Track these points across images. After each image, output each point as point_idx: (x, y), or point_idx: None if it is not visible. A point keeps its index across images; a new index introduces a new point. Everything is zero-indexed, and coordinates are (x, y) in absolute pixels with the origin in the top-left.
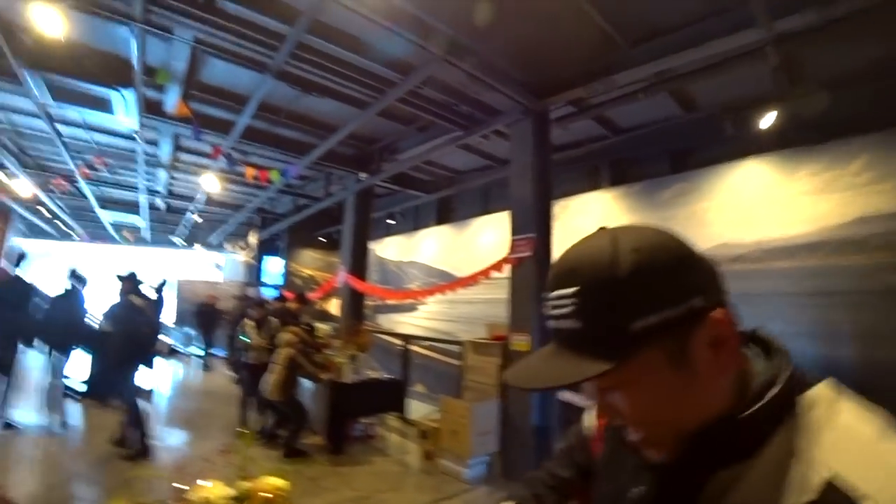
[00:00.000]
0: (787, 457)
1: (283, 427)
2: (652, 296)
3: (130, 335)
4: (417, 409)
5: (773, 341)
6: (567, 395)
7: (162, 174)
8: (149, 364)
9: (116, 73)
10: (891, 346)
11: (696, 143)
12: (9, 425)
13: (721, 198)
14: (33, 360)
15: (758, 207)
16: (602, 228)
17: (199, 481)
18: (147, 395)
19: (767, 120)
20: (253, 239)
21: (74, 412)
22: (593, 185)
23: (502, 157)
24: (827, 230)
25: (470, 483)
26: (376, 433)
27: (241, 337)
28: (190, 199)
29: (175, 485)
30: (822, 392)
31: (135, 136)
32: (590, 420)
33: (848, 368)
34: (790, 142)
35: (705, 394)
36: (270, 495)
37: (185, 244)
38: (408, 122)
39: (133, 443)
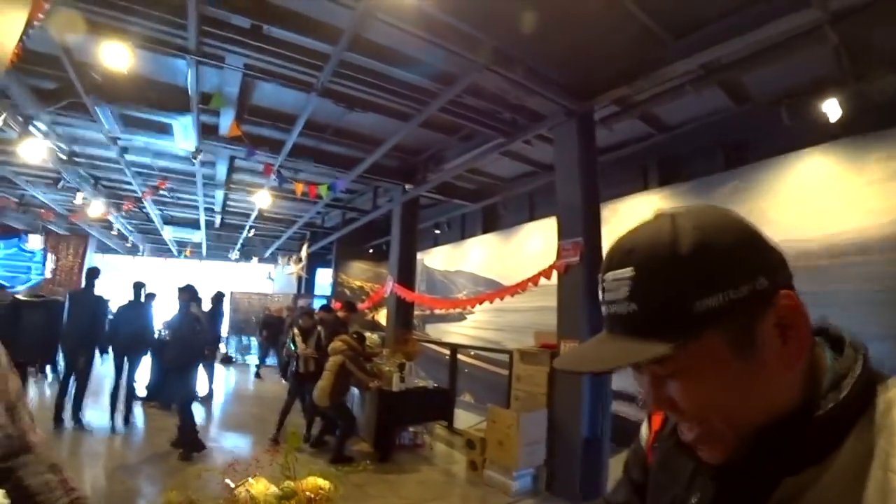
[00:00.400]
0: (865, 461)
1: (331, 433)
2: (715, 275)
3: (187, 342)
4: (465, 418)
5: (845, 334)
6: (620, 407)
7: (218, 193)
8: (207, 370)
9: (175, 101)
10: None
11: (750, 136)
12: (80, 424)
13: (782, 192)
14: (104, 366)
15: (823, 200)
16: (659, 211)
17: (247, 479)
18: (206, 398)
19: (829, 106)
20: (304, 252)
21: (138, 414)
22: (642, 186)
23: (547, 163)
24: None
25: (516, 495)
26: (423, 442)
27: (291, 346)
28: (244, 215)
29: (225, 481)
30: None
31: (193, 158)
32: (644, 431)
33: None
34: (856, 128)
35: (771, 386)
36: (313, 494)
37: (239, 258)
38: (451, 132)
39: (185, 442)
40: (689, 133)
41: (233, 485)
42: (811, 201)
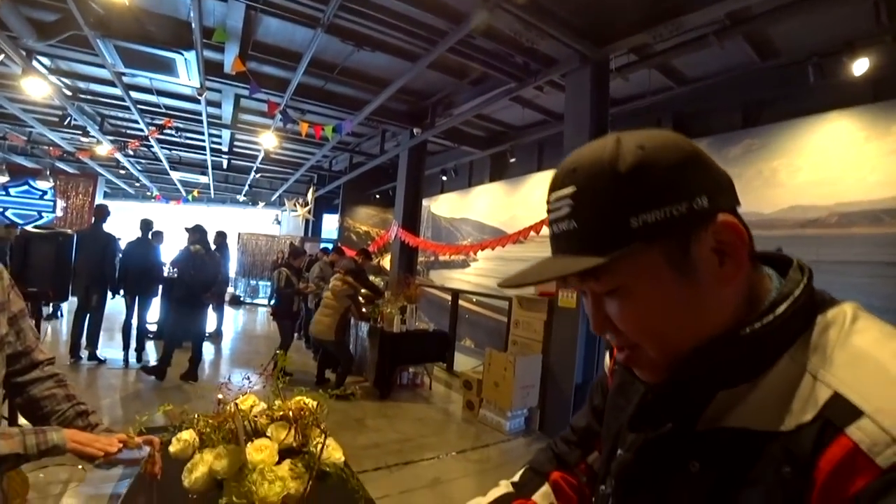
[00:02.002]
0: (795, 377)
1: (332, 369)
2: (653, 191)
3: (192, 281)
4: (465, 362)
5: (794, 260)
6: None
7: (225, 134)
8: (216, 309)
9: (178, 36)
10: None
11: (772, 94)
12: (96, 359)
13: (797, 155)
14: (117, 305)
15: (839, 167)
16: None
17: (238, 395)
18: (216, 337)
19: (859, 67)
20: (310, 195)
21: (150, 350)
22: None
23: (558, 112)
24: None
25: (508, 434)
26: (422, 382)
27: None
28: (251, 157)
29: (217, 396)
30: (841, 312)
31: (198, 95)
32: (607, 358)
33: None
34: (886, 92)
35: (707, 306)
36: (298, 410)
37: (247, 202)
38: (461, 76)
39: (158, 368)
40: (709, 88)
41: (223, 399)
42: (826, 167)
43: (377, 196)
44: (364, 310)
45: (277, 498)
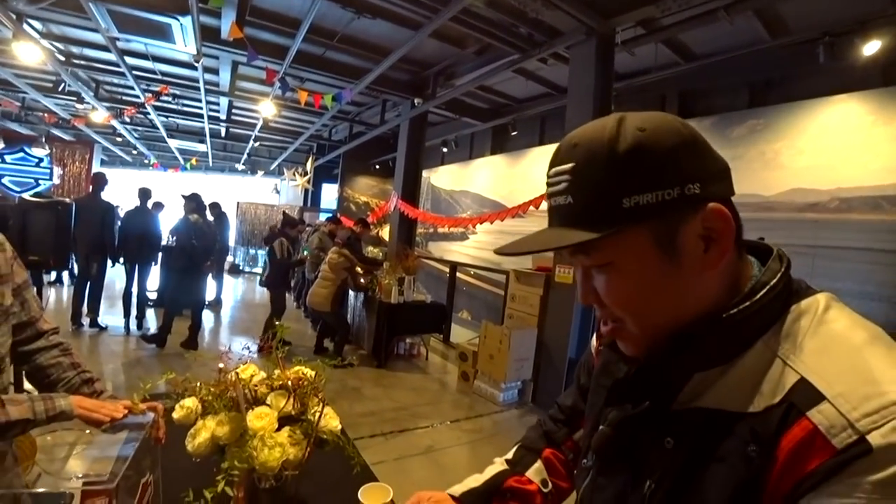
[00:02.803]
0: (767, 362)
1: (330, 339)
2: (647, 174)
3: (193, 249)
4: (462, 334)
5: (774, 250)
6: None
7: (223, 101)
8: (215, 278)
9: (173, 0)
10: None
11: (780, 74)
12: (97, 326)
13: (800, 138)
14: (118, 272)
15: (842, 151)
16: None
17: (238, 365)
18: (215, 305)
19: (870, 48)
20: (309, 165)
21: (150, 318)
22: None
23: (562, 85)
24: None
25: (502, 405)
26: (419, 352)
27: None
28: (250, 125)
29: (218, 366)
30: (815, 301)
31: (195, 62)
32: (594, 338)
33: None
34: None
35: (689, 288)
36: (296, 380)
37: (245, 170)
38: (464, 46)
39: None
40: (716, 65)
41: (223, 368)
42: (829, 151)
43: (377, 166)
44: (363, 280)
45: (277, 463)
